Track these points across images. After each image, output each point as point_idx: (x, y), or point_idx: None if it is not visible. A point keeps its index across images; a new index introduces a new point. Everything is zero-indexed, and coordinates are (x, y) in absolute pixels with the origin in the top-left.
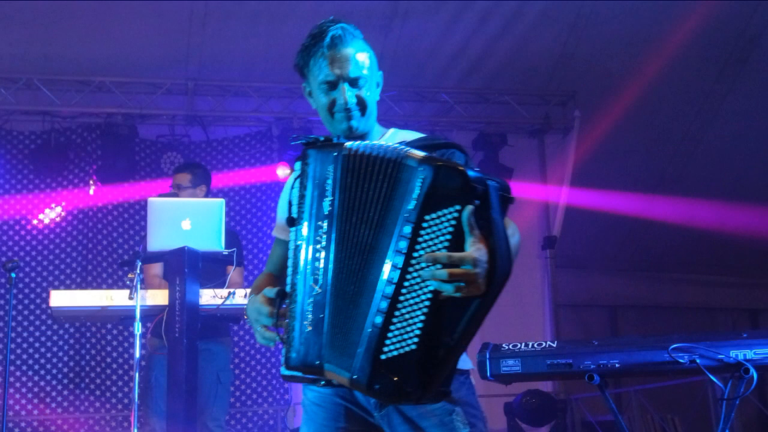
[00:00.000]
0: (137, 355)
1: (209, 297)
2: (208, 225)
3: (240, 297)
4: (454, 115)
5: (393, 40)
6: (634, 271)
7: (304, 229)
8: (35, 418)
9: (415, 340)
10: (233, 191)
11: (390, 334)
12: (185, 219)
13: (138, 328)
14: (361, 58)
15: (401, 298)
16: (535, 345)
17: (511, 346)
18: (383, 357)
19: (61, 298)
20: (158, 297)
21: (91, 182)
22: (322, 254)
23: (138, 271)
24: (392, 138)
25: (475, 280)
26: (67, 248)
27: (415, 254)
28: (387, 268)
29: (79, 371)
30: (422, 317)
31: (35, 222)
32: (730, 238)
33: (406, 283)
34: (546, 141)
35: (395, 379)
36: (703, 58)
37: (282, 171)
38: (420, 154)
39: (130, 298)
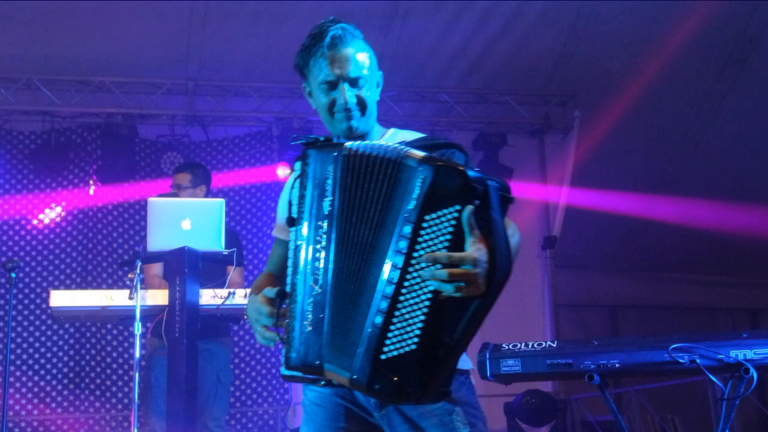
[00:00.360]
0: (137, 355)
1: (209, 297)
2: (208, 225)
3: (240, 297)
4: (454, 115)
5: (393, 40)
6: (634, 271)
7: (304, 229)
8: (35, 418)
9: (415, 340)
10: (233, 191)
11: (390, 334)
12: (185, 219)
13: (138, 328)
14: (361, 58)
15: (401, 298)
16: (535, 345)
17: (511, 346)
18: (383, 357)
19: (61, 298)
20: (158, 297)
21: (91, 182)
22: (322, 254)
23: (138, 271)
24: (392, 138)
25: (475, 280)
26: (67, 248)
27: (415, 254)
28: (387, 268)
29: (79, 371)
30: (422, 317)
31: (35, 222)
32: (730, 238)
33: (406, 283)
34: (546, 141)
35: (395, 379)
36: (703, 58)
37: (282, 171)
38: (420, 154)
39: (130, 298)
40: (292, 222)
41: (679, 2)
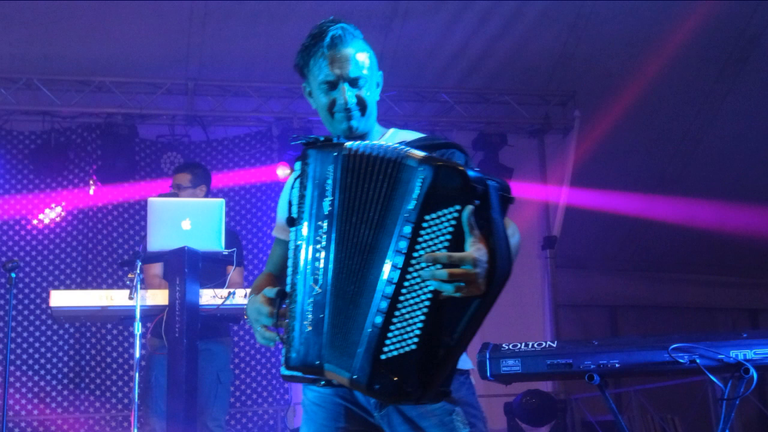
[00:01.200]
0: (137, 355)
1: (209, 297)
2: (208, 225)
3: (240, 297)
4: (454, 115)
5: (393, 40)
6: (634, 271)
7: (304, 229)
8: (35, 418)
9: (415, 340)
10: (233, 191)
11: (390, 334)
12: (185, 219)
13: (138, 328)
14: (361, 58)
15: (401, 298)
16: (535, 345)
17: (511, 346)
18: (383, 357)
19: (61, 298)
20: (158, 297)
21: (91, 182)
22: (322, 254)
23: (138, 271)
24: (392, 138)
25: (475, 280)
26: (67, 248)
27: (415, 254)
28: (387, 268)
29: (79, 371)
30: (422, 317)
31: (35, 222)
32: (730, 238)
33: (406, 283)
34: (546, 141)
35: (395, 379)
36: (703, 58)
37: (282, 171)
38: (420, 154)
39: (130, 298)
40: (292, 222)
41: (679, 2)
